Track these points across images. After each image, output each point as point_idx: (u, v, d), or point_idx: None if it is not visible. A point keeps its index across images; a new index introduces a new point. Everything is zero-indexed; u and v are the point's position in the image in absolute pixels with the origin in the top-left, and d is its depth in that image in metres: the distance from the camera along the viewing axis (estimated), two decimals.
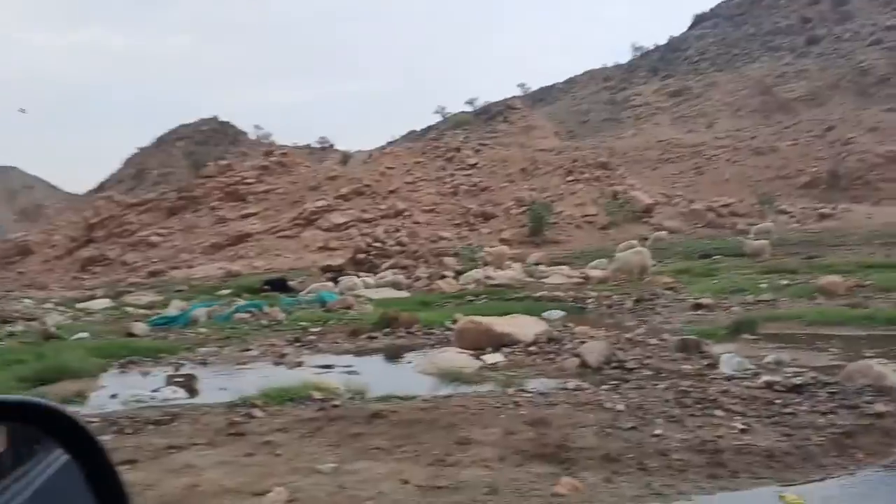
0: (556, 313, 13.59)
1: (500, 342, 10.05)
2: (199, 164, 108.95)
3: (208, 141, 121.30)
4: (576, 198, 46.64)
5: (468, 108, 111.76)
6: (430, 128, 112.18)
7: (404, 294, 23.47)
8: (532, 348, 9.68)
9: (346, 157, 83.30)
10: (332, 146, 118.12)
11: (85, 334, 13.82)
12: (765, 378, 7.31)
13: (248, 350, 11.56)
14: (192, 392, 8.99)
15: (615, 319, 12.93)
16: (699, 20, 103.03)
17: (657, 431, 5.54)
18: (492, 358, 9.29)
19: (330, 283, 31.33)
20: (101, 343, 12.39)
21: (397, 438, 5.85)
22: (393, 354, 11.28)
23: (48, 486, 1.31)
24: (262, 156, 66.53)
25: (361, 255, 40.00)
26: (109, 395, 8.92)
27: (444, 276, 32.31)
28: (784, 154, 55.50)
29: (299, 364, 10.32)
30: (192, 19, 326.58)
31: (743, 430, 5.74)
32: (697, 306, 13.31)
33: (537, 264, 34.84)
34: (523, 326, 10.44)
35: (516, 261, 36.32)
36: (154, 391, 8.88)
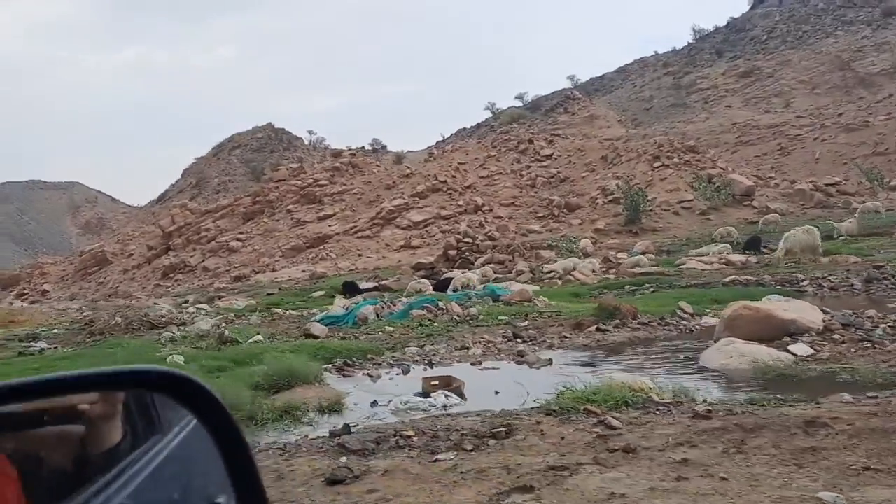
0: (777, 297, 12.18)
1: (784, 330, 8.70)
2: (258, 171, 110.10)
3: (264, 147, 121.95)
4: (666, 184, 44.80)
5: (518, 103, 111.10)
6: (480, 124, 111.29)
7: (535, 287, 22.22)
8: (836, 336, 8.29)
9: (399, 158, 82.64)
10: (384, 147, 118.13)
11: (259, 337, 12.88)
12: None
13: (466, 348, 10.40)
14: (462, 396, 7.84)
15: (868, 301, 11.46)
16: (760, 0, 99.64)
17: None
18: (799, 349, 7.93)
19: (426, 281, 30.40)
20: (295, 345, 11.39)
21: (885, 455, 4.54)
22: (615, 350, 10.01)
23: (178, 452, 1.39)
24: (330, 157, 66.09)
25: (453, 252, 38.96)
26: (369, 402, 7.85)
27: (545, 269, 31.19)
28: (878, 129, 52.67)
29: (549, 362, 9.11)
30: (235, 32, 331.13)
31: None
32: None
33: (644, 253, 33.41)
34: (803, 312, 9.06)
35: (619, 250, 34.88)
36: (421, 396, 7.75)
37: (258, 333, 13.04)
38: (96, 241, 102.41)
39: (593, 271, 22.84)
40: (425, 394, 7.78)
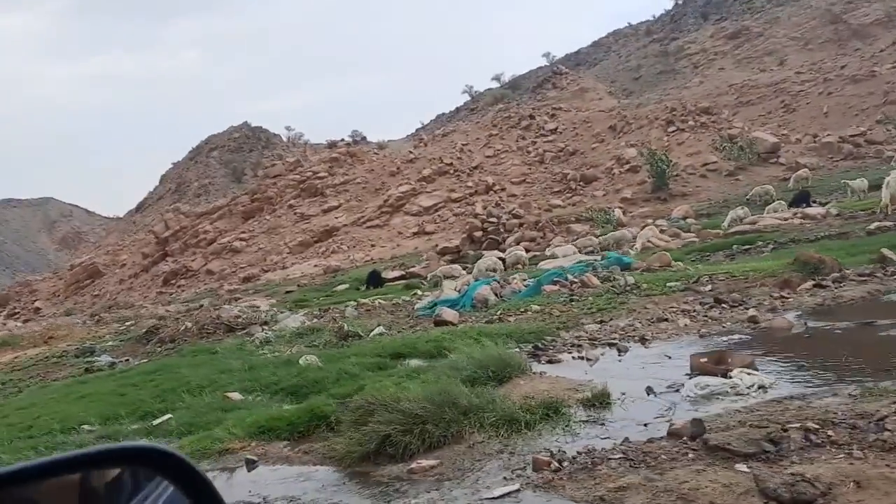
0: None
1: None
2: (239, 171, 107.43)
3: (242, 147, 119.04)
4: (686, 147, 43.51)
5: (496, 84, 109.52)
6: (460, 108, 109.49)
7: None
8: None
9: (381, 147, 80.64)
10: (364, 138, 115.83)
11: (381, 329, 11.19)
12: None
13: (666, 319, 8.79)
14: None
15: None
16: None
17: None
18: None
19: (457, 266, 28.78)
20: (443, 333, 9.70)
21: None
22: (862, 307, 8.44)
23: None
24: (326, 149, 64.09)
25: (478, 233, 37.38)
26: (644, 389, 6.21)
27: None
28: (886, 78, 51.64)
29: (804, 326, 7.49)
30: (198, 34, 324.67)
31: None
32: None
33: (685, 218, 32.09)
34: None
35: (655, 217, 33.48)
36: (709, 377, 6.10)
37: (379, 325, 11.32)
38: (74, 255, 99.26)
39: (668, 236, 21.34)
40: (721, 374, 6.12)
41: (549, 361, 7.73)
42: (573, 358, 7.77)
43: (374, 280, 29.74)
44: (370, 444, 5.75)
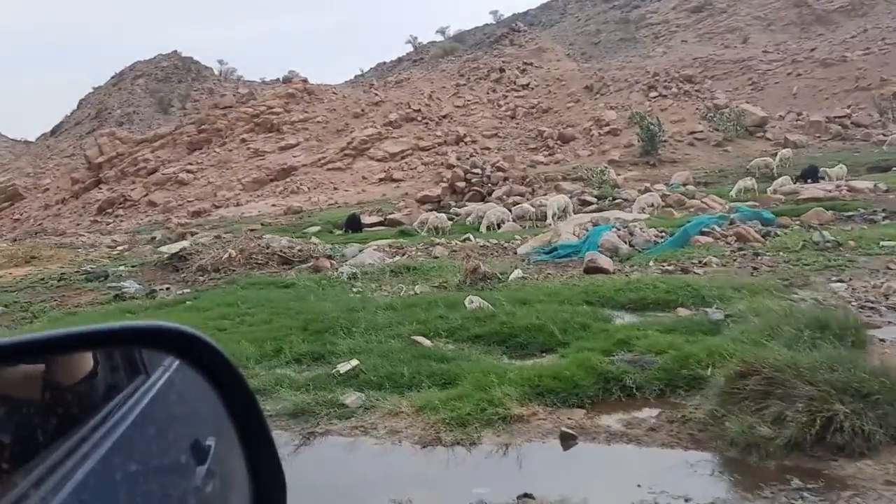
0: None
1: None
2: (165, 102, 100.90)
3: (170, 77, 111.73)
4: (669, 114, 42.42)
5: (440, 38, 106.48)
6: (402, 59, 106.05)
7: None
8: None
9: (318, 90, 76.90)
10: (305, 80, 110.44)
11: (519, 272, 9.13)
12: None
13: None
14: None
15: None
16: None
17: None
18: None
19: (442, 215, 27.33)
20: (630, 283, 7.70)
21: None
22: None
23: (163, 393, 1.33)
24: (280, 84, 60.11)
25: (461, 184, 35.34)
26: None
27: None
28: (858, 64, 51.95)
29: None
30: None
31: None
32: None
33: (685, 184, 30.94)
34: None
35: (652, 182, 32.27)
36: None
37: (517, 268, 9.23)
38: None
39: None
40: None
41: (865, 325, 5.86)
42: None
43: (354, 224, 28.35)
44: (808, 427, 3.76)
